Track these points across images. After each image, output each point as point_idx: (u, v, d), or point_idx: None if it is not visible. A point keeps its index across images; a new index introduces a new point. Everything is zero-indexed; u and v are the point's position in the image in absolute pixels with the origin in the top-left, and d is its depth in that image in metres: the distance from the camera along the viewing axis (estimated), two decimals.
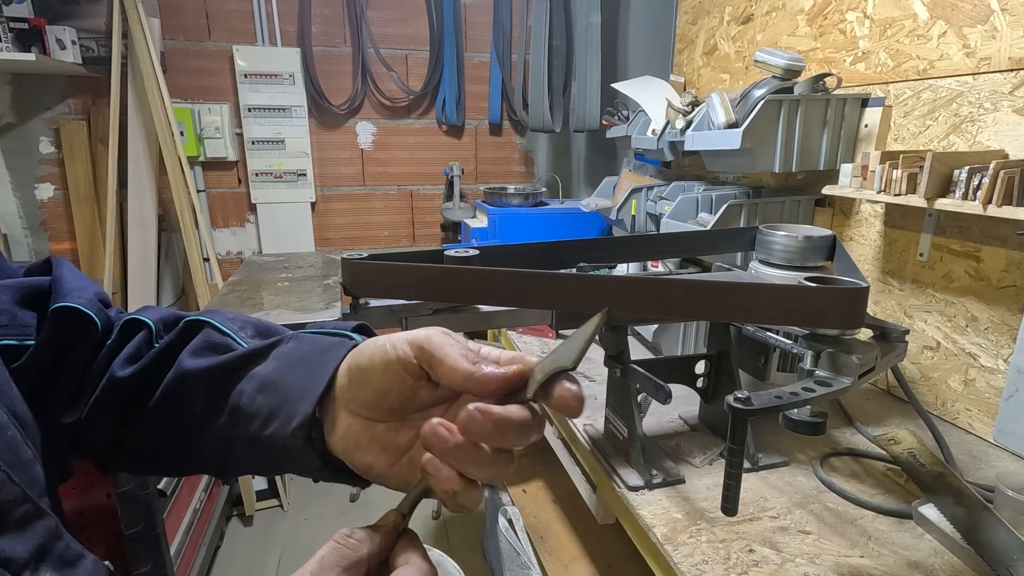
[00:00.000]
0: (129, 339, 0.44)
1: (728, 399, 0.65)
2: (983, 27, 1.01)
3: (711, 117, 1.32)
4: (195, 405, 0.41)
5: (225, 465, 0.44)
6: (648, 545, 0.81)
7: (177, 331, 0.44)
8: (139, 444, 0.44)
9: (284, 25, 2.25)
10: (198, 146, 2.22)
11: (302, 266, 1.10)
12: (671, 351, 1.36)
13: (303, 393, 0.38)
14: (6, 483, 0.31)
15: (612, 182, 1.88)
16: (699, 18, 1.90)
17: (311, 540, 2.12)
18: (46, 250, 2.23)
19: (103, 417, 0.42)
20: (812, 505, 0.84)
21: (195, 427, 0.42)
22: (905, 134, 1.17)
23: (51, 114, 2.12)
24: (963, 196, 0.90)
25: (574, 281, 0.61)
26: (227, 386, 0.41)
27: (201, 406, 0.41)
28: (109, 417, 0.43)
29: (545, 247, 0.97)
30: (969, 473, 0.93)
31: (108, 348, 0.44)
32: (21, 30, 1.81)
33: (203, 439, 0.42)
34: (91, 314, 0.43)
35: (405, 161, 2.50)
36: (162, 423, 0.42)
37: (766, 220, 1.30)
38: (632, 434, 0.91)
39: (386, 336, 0.38)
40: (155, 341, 0.44)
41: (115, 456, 0.45)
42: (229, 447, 0.41)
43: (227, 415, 0.40)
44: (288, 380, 0.39)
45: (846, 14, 1.30)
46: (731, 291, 0.61)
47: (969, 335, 1.06)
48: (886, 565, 0.72)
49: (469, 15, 2.39)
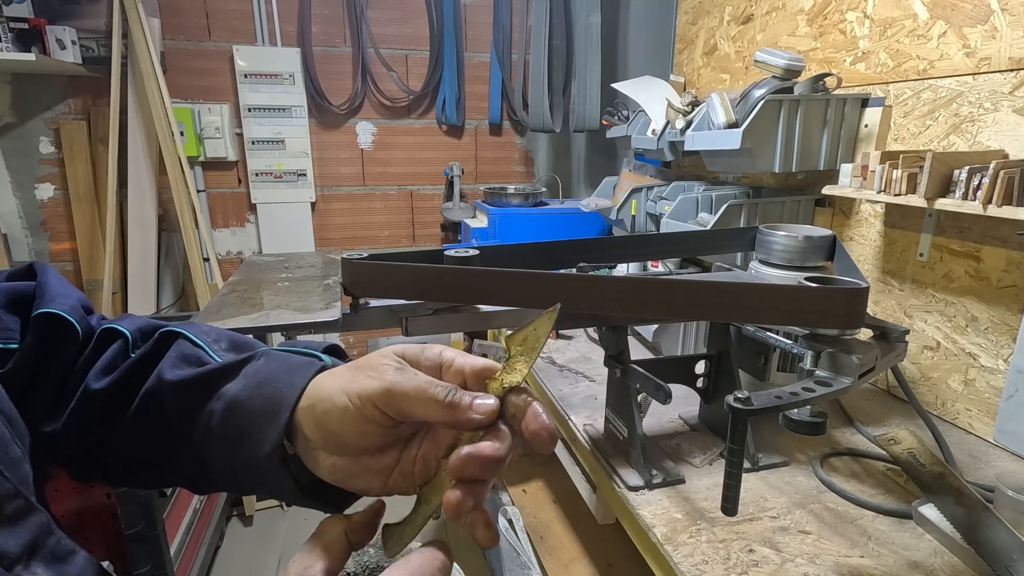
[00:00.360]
0: (105, 348, 0.44)
1: (728, 399, 0.65)
2: (983, 27, 1.01)
3: (711, 117, 1.32)
4: (169, 417, 0.41)
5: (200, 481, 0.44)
6: (648, 545, 0.81)
7: (153, 342, 0.44)
8: (114, 455, 0.44)
9: (284, 25, 2.25)
10: (198, 146, 2.22)
11: (302, 266, 1.10)
12: (671, 351, 1.36)
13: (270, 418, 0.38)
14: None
15: (612, 182, 1.88)
16: (699, 18, 1.90)
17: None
18: (46, 250, 2.23)
19: (79, 428, 0.42)
20: (812, 505, 0.84)
21: (169, 439, 0.42)
22: (905, 134, 1.17)
23: (51, 114, 2.12)
24: (963, 196, 0.90)
25: (574, 281, 0.61)
26: (199, 402, 0.40)
27: (174, 418, 0.41)
28: (85, 428, 0.42)
29: (545, 247, 0.97)
30: (969, 473, 0.93)
31: (85, 357, 0.44)
32: (21, 30, 1.81)
33: (178, 452, 0.42)
34: (73, 321, 0.43)
35: (405, 161, 2.50)
36: (137, 434, 0.42)
37: (766, 220, 1.30)
38: (632, 434, 0.91)
39: (347, 392, 0.36)
40: (131, 351, 0.44)
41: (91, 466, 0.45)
42: (204, 464, 0.41)
43: (199, 432, 0.40)
44: (255, 402, 0.39)
45: (846, 14, 1.30)
46: (731, 291, 0.61)
47: (969, 335, 1.06)
48: (886, 565, 0.72)
49: (469, 15, 2.39)
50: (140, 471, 0.45)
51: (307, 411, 0.38)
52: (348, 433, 0.37)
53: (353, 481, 0.39)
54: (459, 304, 0.83)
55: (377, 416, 0.36)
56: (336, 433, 0.37)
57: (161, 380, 0.41)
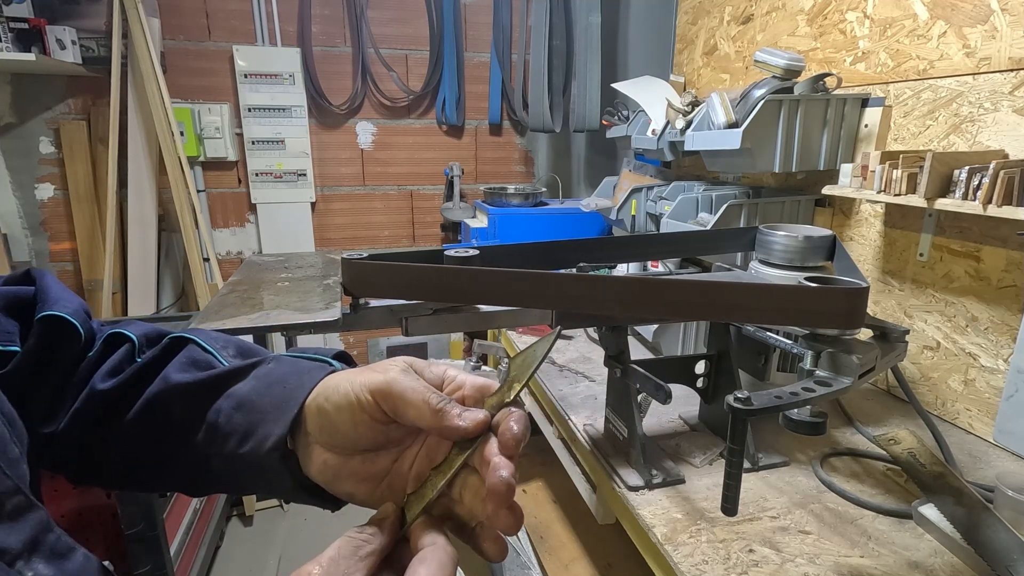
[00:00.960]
0: (111, 352, 0.45)
1: (728, 399, 0.65)
2: (983, 27, 1.01)
3: (711, 117, 1.31)
4: (175, 419, 0.42)
5: (198, 482, 0.45)
6: (648, 545, 0.81)
7: (161, 347, 0.45)
8: (113, 458, 0.44)
9: (284, 25, 2.25)
10: (198, 146, 2.22)
11: (302, 266, 1.10)
12: (671, 351, 1.36)
13: (278, 414, 0.39)
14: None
15: (612, 182, 1.88)
16: (699, 18, 1.90)
17: (311, 540, 2.12)
18: (46, 250, 2.23)
19: (81, 429, 0.43)
20: (812, 505, 0.84)
21: (172, 442, 0.43)
22: (905, 134, 1.17)
23: (51, 114, 2.12)
24: (963, 196, 0.90)
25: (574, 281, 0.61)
26: (206, 403, 0.42)
27: (180, 420, 0.42)
28: (87, 429, 0.43)
29: (545, 247, 0.97)
30: (969, 473, 0.93)
31: (90, 360, 0.45)
32: (21, 30, 1.82)
33: (179, 454, 0.43)
34: (76, 324, 0.44)
35: (405, 161, 2.50)
36: (139, 437, 0.43)
37: (766, 220, 1.30)
38: (632, 434, 0.91)
39: (350, 382, 0.39)
40: (137, 356, 0.45)
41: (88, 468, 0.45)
42: (206, 464, 0.42)
43: (203, 432, 0.41)
44: (264, 400, 0.41)
45: (846, 14, 1.30)
46: (731, 291, 0.61)
47: (969, 335, 1.06)
48: (886, 565, 0.72)
49: (469, 15, 2.39)
50: (139, 473, 0.45)
51: (312, 404, 0.39)
52: (343, 421, 0.38)
53: (340, 483, 0.40)
54: (459, 304, 0.83)
55: (372, 408, 0.37)
56: (332, 422, 0.39)
57: (168, 383, 0.42)
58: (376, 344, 2.70)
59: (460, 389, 0.39)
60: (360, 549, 0.32)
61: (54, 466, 0.44)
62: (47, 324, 0.43)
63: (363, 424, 0.38)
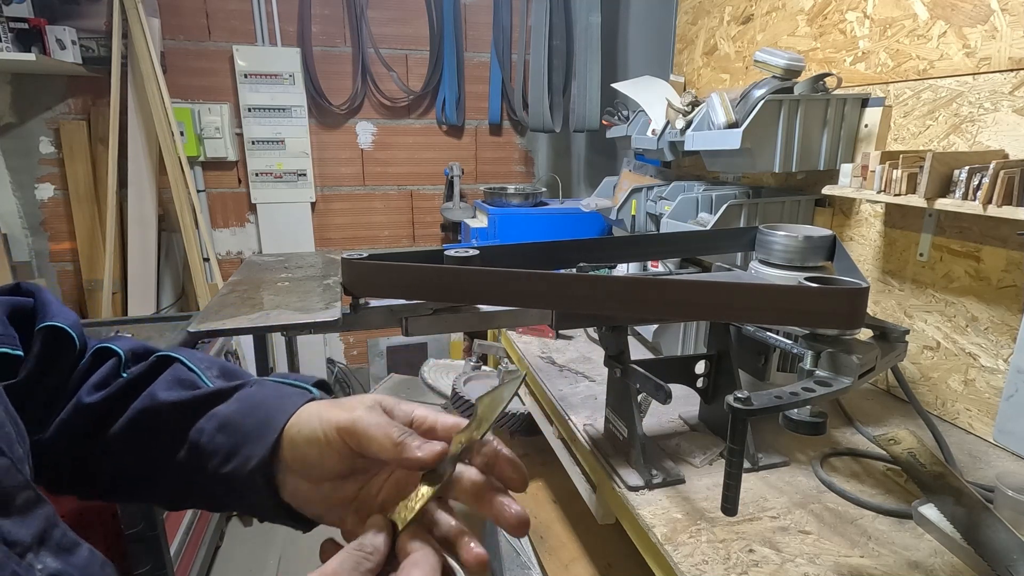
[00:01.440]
0: (99, 365, 0.46)
1: (728, 399, 0.65)
2: (983, 27, 1.01)
3: (711, 117, 1.31)
4: (159, 436, 0.43)
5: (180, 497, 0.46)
6: (648, 545, 0.81)
7: (148, 364, 0.46)
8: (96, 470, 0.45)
9: (284, 25, 2.25)
10: (198, 146, 2.22)
11: (302, 266, 1.10)
12: (671, 351, 1.36)
13: (259, 436, 0.41)
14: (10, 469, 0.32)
15: (612, 182, 1.88)
16: (699, 18, 1.90)
17: (310, 540, 2.09)
18: (46, 250, 2.23)
19: (66, 439, 0.44)
20: (812, 505, 0.84)
21: (155, 458, 0.44)
22: (905, 134, 1.17)
23: (51, 114, 2.12)
24: (963, 196, 0.90)
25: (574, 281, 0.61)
26: (189, 422, 0.43)
27: (164, 438, 0.43)
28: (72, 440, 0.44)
29: (545, 247, 0.97)
30: (969, 473, 0.93)
31: (79, 372, 0.46)
32: (21, 30, 1.82)
33: (161, 471, 0.44)
34: (75, 335, 0.45)
35: (405, 161, 2.50)
36: (123, 451, 0.44)
37: (766, 220, 1.30)
38: (632, 434, 0.91)
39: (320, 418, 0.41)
40: (123, 371, 0.46)
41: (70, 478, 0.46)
42: (189, 481, 0.43)
43: (186, 450, 0.43)
44: (247, 422, 0.42)
45: (846, 14, 1.30)
46: (731, 291, 0.61)
47: (969, 335, 1.06)
48: (886, 565, 0.72)
49: (469, 15, 2.39)
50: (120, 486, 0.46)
51: (288, 432, 0.42)
52: (312, 455, 0.41)
53: (310, 506, 0.43)
54: (459, 304, 0.83)
55: (338, 444, 0.40)
56: (303, 453, 0.41)
57: (155, 400, 0.44)
58: (376, 344, 2.71)
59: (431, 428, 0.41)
60: (360, 565, 0.34)
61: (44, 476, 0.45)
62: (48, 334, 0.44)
63: (330, 457, 0.40)
